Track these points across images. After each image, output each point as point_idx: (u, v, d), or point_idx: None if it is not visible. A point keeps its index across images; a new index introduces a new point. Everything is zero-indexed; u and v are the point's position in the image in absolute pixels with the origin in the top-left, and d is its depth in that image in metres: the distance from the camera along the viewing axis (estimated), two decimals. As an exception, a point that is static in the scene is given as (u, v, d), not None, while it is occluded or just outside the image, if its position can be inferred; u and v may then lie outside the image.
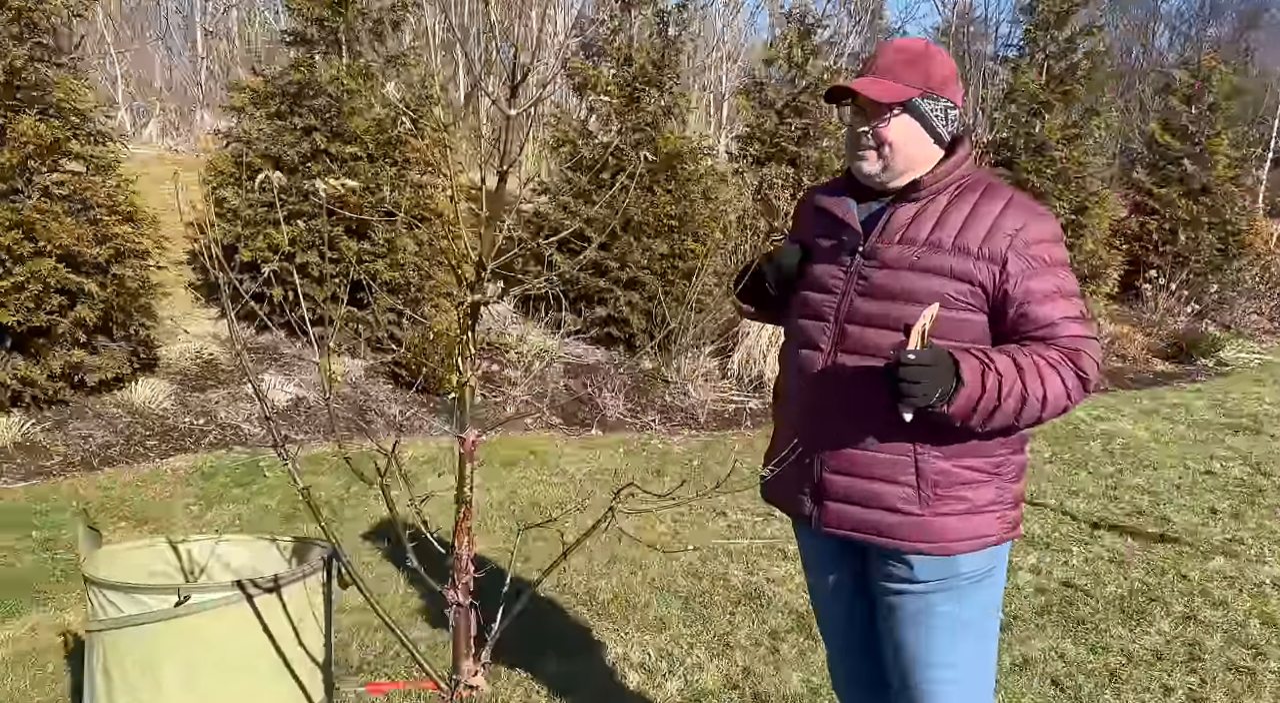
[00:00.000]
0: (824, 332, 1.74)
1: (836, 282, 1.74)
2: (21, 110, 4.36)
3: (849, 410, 1.70)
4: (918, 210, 1.70)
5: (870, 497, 1.71)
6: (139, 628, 1.75)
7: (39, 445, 4.41)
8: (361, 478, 1.71)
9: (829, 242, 1.78)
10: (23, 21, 4.49)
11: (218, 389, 5.25)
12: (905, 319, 1.62)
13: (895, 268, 1.67)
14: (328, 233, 5.55)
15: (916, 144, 1.69)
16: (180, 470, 4.51)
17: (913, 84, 1.67)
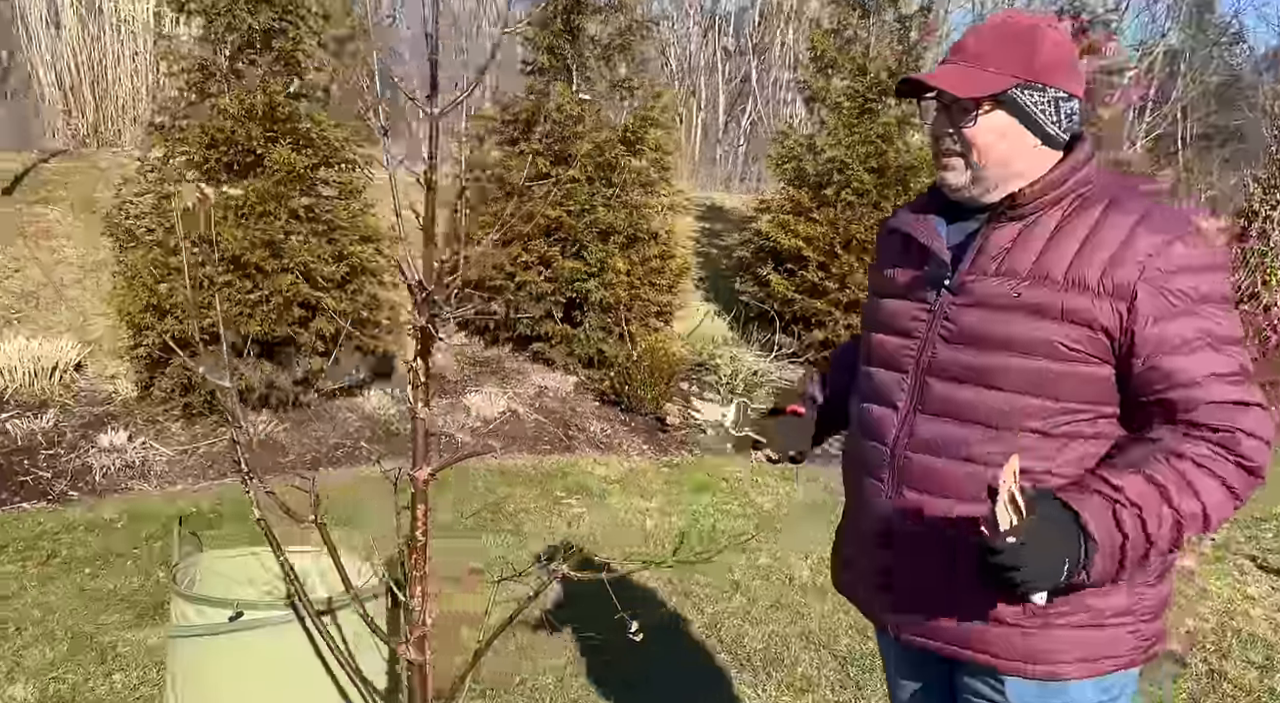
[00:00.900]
0: (900, 386, 1.42)
1: (918, 323, 1.41)
2: (277, 140, 4.90)
3: (934, 486, 1.37)
4: (1020, 232, 1.34)
5: (961, 601, 1.37)
6: (198, 638, 1.82)
7: (279, 444, 4.91)
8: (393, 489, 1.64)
9: (909, 272, 1.45)
10: (283, 61, 5.07)
11: (439, 399, 5.59)
12: (1010, 379, 1.29)
13: (990, 307, 1.33)
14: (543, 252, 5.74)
15: (1014, 147, 1.35)
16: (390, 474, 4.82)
17: (1009, 71, 1.32)
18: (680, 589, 3.66)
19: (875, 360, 1.49)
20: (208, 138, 4.76)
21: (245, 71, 5.01)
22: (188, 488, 4.45)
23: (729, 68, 15.60)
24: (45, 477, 4.30)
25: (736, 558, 4.00)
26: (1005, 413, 1.32)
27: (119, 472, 4.42)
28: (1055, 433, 1.31)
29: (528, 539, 4.16)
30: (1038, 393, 1.31)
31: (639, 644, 1.61)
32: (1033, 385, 1.31)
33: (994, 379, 1.32)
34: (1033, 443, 1.31)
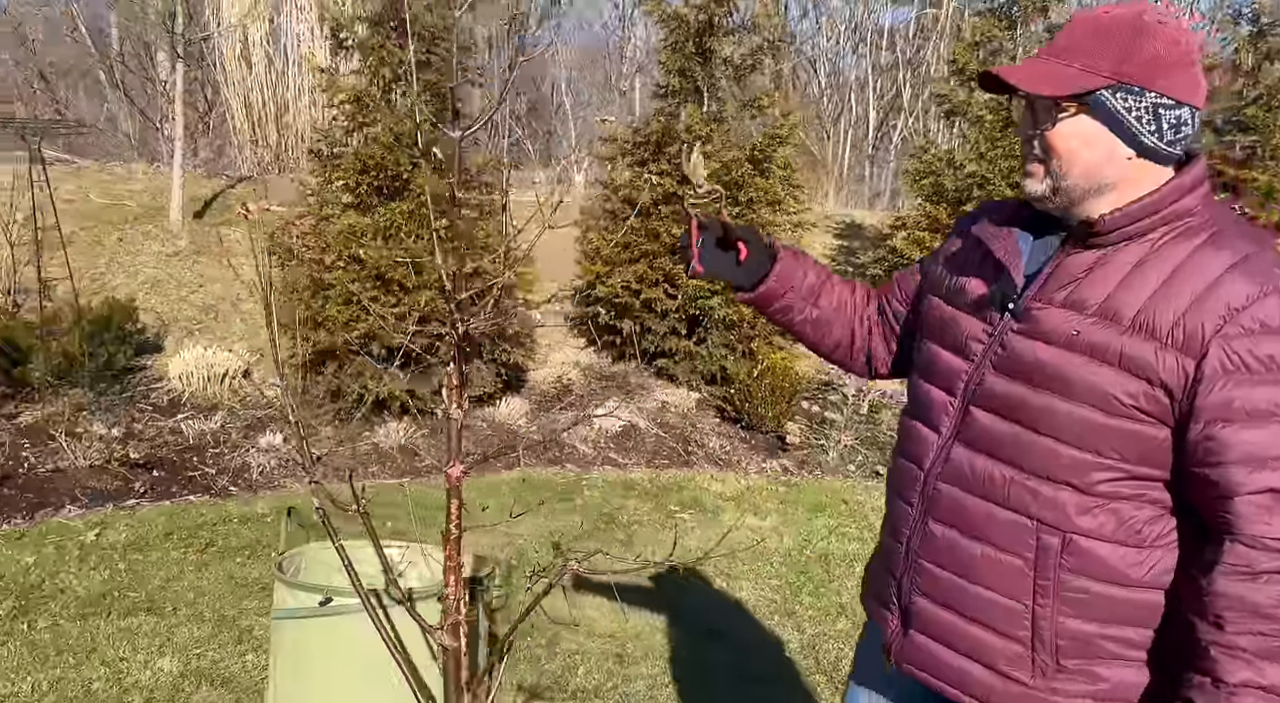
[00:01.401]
0: (947, 409, 1.33)
1: (976, 344, 1.31)
2: (418, 164, 5.25)
3: (958, 523, 1.31)
4: (1097, 261, 1.22)
5: (969, 644, 1.30)
6: (294, 620, 2.01)
7: (416, 449, 5.23)
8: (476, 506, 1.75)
9: (981, 285, 1.33)
10: (430, 91, 5.43)
11: (566, 411, 5.79)
12: (1052, 423, 1.21)
13: (1048, 341, 1.21)
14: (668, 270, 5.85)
15: (1103, 158, 1.20)
16: (513, 481, 5.03)
17: (1101, 69, 1.18)
18: (784, 609, 3.65)
19: (928, 373, 1.40)
20: (360, 164, 5.16)
21: (397, 102, 5.41)
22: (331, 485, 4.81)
23: (880, 84, 15.30)
24: (210, 473, 4.76)
25: (847, 581, 3.94)
26: (1042, 459, 1.23)
27: (273, 470, 4.84)
28: (1093, 491, 1.22)
29: (637, 550, 4.24)
30: (1079, 444, 1.20)
31: (734, 660, 1.64)
32: (1075, 435, 1.20)
33: (1035, 420, 1.23)
34: (1068, 497, 1.22)
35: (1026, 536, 1.25)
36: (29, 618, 3.33)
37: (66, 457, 4.64)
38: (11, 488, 4.39)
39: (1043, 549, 1.23)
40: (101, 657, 3.10)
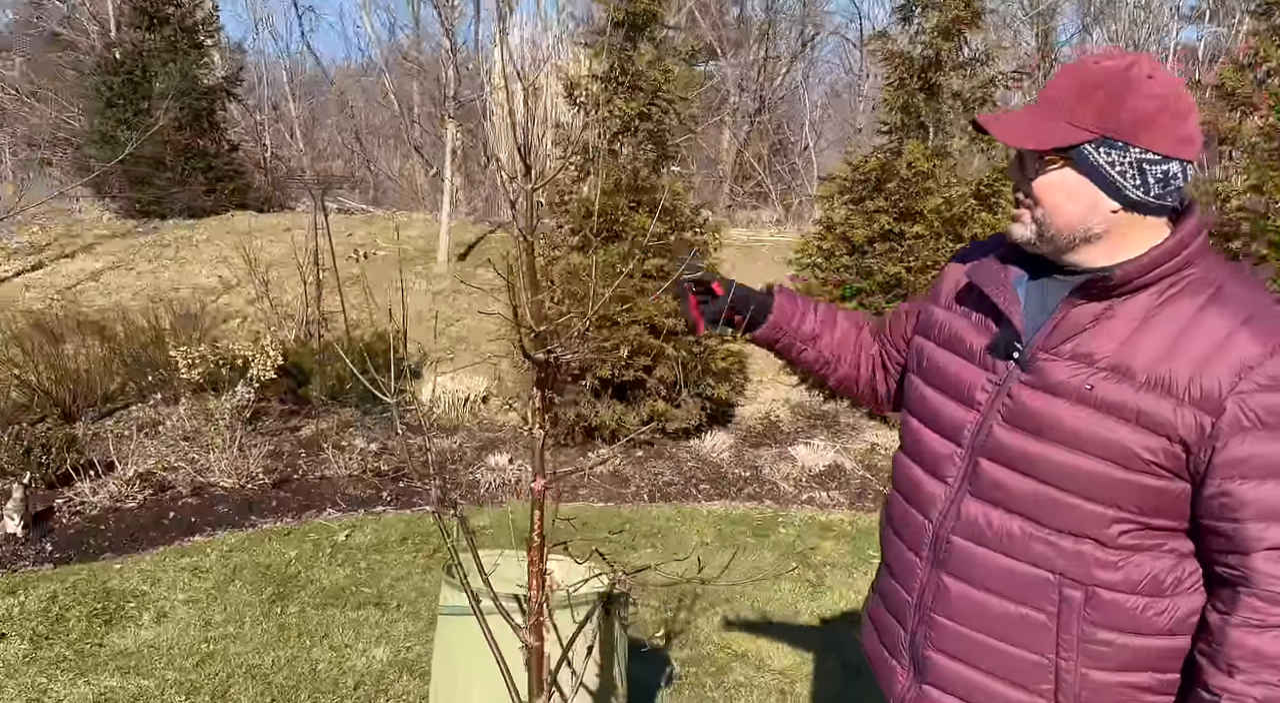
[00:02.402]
0: (953, 460, 1.32)
1: (980, 393, 1.30)
2: (638, 209, 5.60)
3: (974, 577, 1.29)
4: (1104, 312, 1.21)
5: (990, 698, 1.29)
6: (452, 617, 2.27)
7: (623, 476, 5.52)
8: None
9: (982, 332, 1.32)
10: (652, 140, 5.78)
11: (770, 448, 5.84)
12: (1069, 478, 1.19)
13: (1058, 394, 1.21)
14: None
15: (1087, 211, 1.21)
16: (713, 514, 5.17)
17: (1085, 122, 1.18)
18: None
19: (930, 421, 1.38)
20: (583, 210, 5.60)
21: (620, 151, 5.81)
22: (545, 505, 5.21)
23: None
24: (447, 486, 5.33)
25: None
26: (1061, 513, 1.22)
27: (497, 488, 5.32)
28: (1114, 544, 1.19)
29: (825, 592, 4.22)
30: (1097, 498, 1.19)
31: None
32: (1092, 489, 1.19)
33: (1049, 473, 1.21)
34: (1089, 550, 1.20)
35: (1049, 590, 1.23)
36: (283, 604, 3.94)
37: (332, 466, 5.40)
38: (287, 491, 5.18)
39: (1066, 603, 1.21)
40: (331, 642, 3.61)
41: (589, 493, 5.31)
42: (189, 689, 3.16)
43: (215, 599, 3.96)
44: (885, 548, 1.50)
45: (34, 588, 3.97)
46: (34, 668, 3.24)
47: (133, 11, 11.19)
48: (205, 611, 3.84)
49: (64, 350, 6.47)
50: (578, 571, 2.64)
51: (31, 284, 9.03)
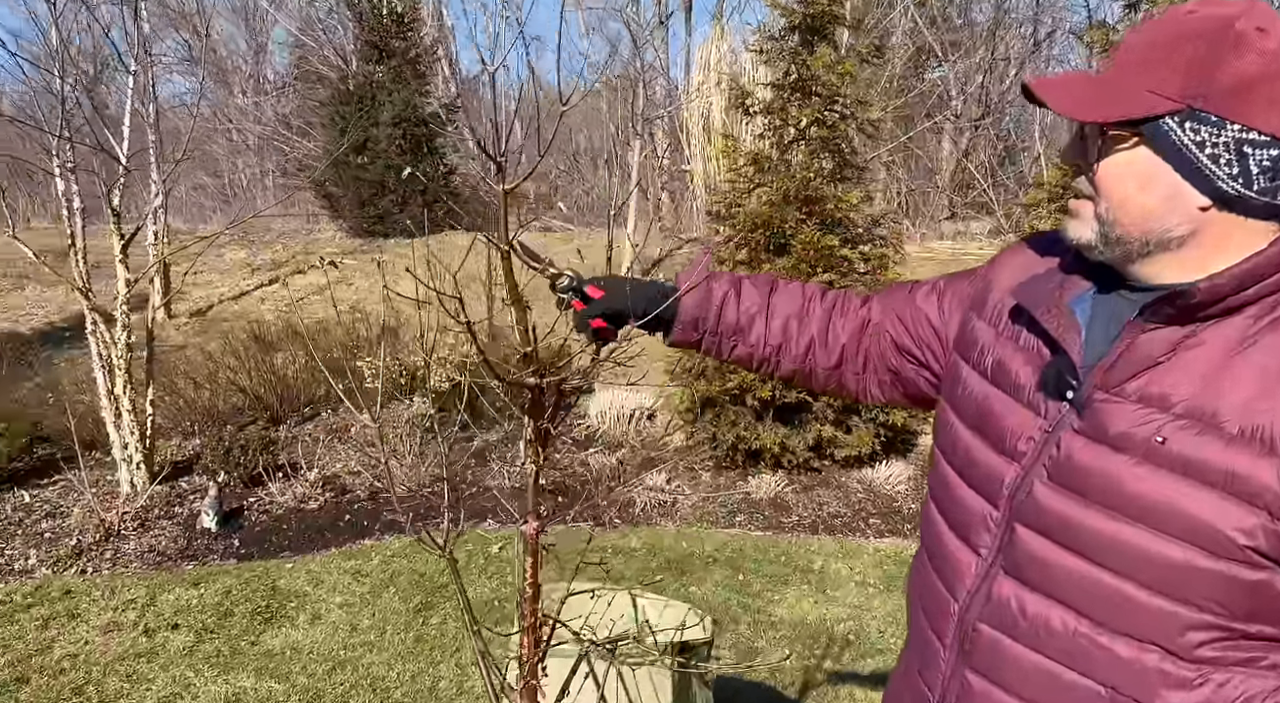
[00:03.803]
0: (988, 523, 1.02)
1: (1025, 442, 1.00)
2: (807, 221, 5.28)
3: (1004, 679, 1.00)
4: (1183, 340, 0.91)
5: None
6: (508, 652, 2.14)
7: (785, 504, 5.20)
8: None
9: (1026, 361, 1.02)
10: (827, 149, 5.45)
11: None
12: (1128, 560, 0.89)
13: (1118, 448, 0.91)
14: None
15: (1165, 204, 0.91)
16: (880, 552, 4.74)
17: (1168, 88, 0.88)
18: None
19: (964, 470, 1.07)
20: (749, 222, 5.36)
21: (793, 160, 5.53)
22: (700, 530, 5.00)
23: None
24: (602, 504, 5.26)
25: None
26: (1116, 608, 0.90)
27: (652, 508, 5.18)
28: (1190, 656, 0.87)
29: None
30: (1167, 590, 0.87)
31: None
32: (1161, 579, 0.88)
33: (1101, 552, 0.90)
34: (1154, 662, 0.88)
35: None
36: (426, 614, 3.99)
37: (497, 478, 5.48)
38: (452, 499, 5.31)
39: None
40: (459, 659, 3.59)
41: (746, 521, 5.04)
42: (312, 696, 3.24)
43: (367, 604, 4.08)
44: (910, 621, 1.20)
45: (214, 582, 4.26)
46: (188, 661, 3.45)
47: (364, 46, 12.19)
48: (355, 615, 3.96)
49: (276, 359, 7.06)
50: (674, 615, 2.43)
51: (267, 297, 10.00)
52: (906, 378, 1.28)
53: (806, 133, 5.45)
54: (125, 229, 5.02)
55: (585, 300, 1.36)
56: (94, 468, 5.54)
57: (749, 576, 4.47)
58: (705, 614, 2.36)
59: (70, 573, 4.32)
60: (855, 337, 1.33)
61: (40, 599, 3.99)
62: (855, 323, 1.33)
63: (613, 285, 1.32)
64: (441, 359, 5.96)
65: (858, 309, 1.35)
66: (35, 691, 3.15)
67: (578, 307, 1.36)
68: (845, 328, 1.33)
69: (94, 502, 4.82)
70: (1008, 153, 17.37)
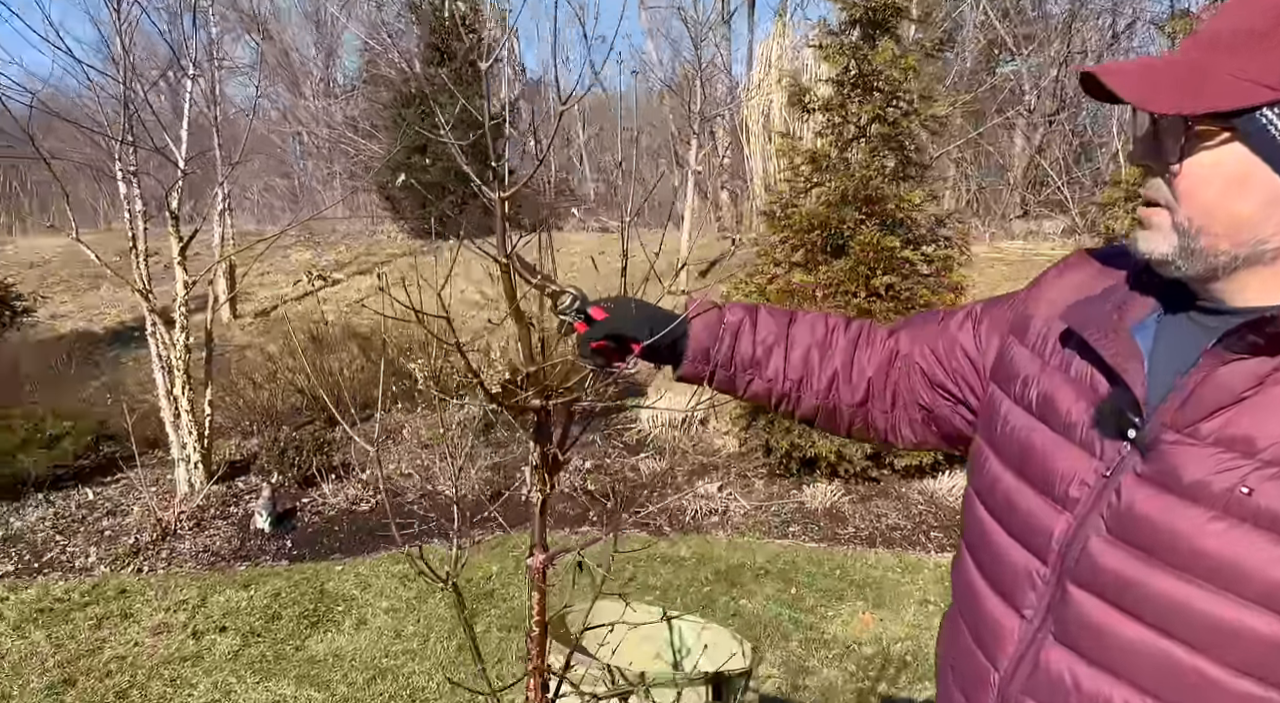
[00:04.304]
0: (1033, 580, 0.89)
1: (1078, 487, 0.86)
2: (866, 221, 5.09)
3: None
4: (1270, 375, 0.77)
5: None
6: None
7: (841, 515, 5.03)
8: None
9: (1081, 395, 0.89)
10: (889, 145, 5.26)
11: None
12: (1203, 631, 0.76)
13: (1192, 499, 0.77)
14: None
15: (1258, 208, 0.77)
16: (941, 567, 4.53)
17: (1262, 75, 0.75)
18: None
19: (1005, 517, 0.93)
20: (805, 223, 5.19)
21: (852, 159, 5.35)
22: (752, 541, 4.86)
23: None
24: (652, 511, 5.16)
25: None
26: (1183, 684, 0.77)
27: (704, 516, 5.06)
28: None
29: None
30: (1250, 669, 0.74)
31: None
32: (1245, 658, 0.74)
33: (1170, 620, 0.77)
34: None
35: None
36: (471, 621, 3.93)
37: (546, 482, 5.42)
38: (502, 505, 5.26)
39: None
40: (499, 670, 3.53)
41: (800, 531, 4.88)
42: (350, 707, 3.20)
43: (413, 610, 4.04)
44: (939, 689, 1.06)
45: (264, 583, 4.28)
46: (231, 666, 3.45)
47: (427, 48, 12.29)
48: (400, 621, 3.93)
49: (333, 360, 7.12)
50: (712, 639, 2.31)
51: (328, 298, 10.14)
52: (940, 416, 1.15)
53: (867, 130, 5.26)
54: (184, 232, 5.09)
55: (589, 322, 1.25)
56: (155, 467, 5.65)
57: (802, 589, 4.32)
58: (745, 640, 2.24)
59: (127, 572, 4.38)
60: (883, 370, 1.20)
61: (96, 598, 4.05)
62: (882, 355, 1.20)
63: (618, 308, 1.21)
64: (492, 361, 5.93)
65: (885, 340, 1.22)
66: (80, 693, 3.17)
67: (580, 329, 1.25)
68: (871, 361, 1.20)
69: (152, 501, 4.90)
70: (1083, 149, 16.74)
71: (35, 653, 3.46)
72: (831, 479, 5.17)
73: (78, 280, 10.99)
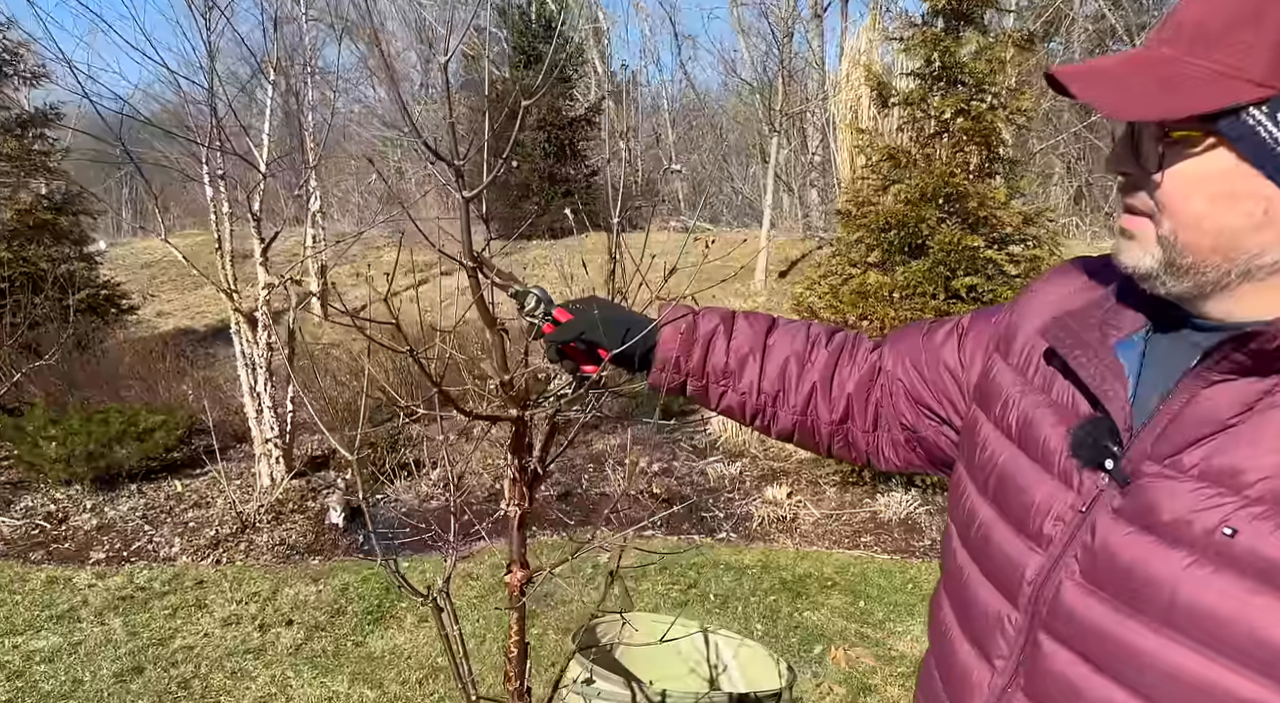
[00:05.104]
0: (1004, 625, 0.79)
1: (1053, 522, 0.76)
2: (947, 220, 4.87)
3: None
4: (1260, 399, 0.67)
5: None
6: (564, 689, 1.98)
7: (917, 526, 4.82)
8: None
9: (1061, 420, 0.79)
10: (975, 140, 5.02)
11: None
12: (1184, 693, 0.66)
13: (1171, 541, 0.67)
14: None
15: (1245, 217, 0.67)
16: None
17: (1245, 69, 0.65)
18: None
19: (978, 553, 0.84)
20: (882, 221, 5.01)
21: (933, 155, 5.13)
22: (820, 550, 4.71)
23: None
24: (718, 517, 5.06)
25: None
26: None
27: (770, 523, 4.93)
28: None
29: None
30: None
31: None
32: None
33: (1147, 680, 0.67)
34: None
35: None
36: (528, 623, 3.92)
37: (612, 483, 5.38)
38: (569, 504, 5.25)
39: None
40: (549, 677, 3.49)
41: (872, 542, 4.71)
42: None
43: (474, 609, 4.06)
44: None
45: (333, 578, 4.37)
46: (291, 660, 3.52)
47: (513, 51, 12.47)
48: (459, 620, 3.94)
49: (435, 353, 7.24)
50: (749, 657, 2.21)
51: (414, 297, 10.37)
52: (925, 438, 1.04)
53: (950, 125, 5.04)
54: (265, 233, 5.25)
55: (557, 325, 1.19)
56: (240, 460, 5.85)
57: (871, 603, 4.16)
58: (781, 659, 2.14)
59: (206, 563, 4.54)
60: (864, 387, 1.09)
61: (175, 587, 4.20)
62: (864, 371, 1.10)
63: (582, 310, 1.15)
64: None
65: (868, 353, 1.12)
66: (146, 682, 3.28)
67: (548, 330, 1.19)
68: (852, 376, 1.10)
69: (233, 494, 5.06)
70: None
71: (110, 640, 3.61)
72: (907, 488, 4.97)
73: (184, 279, 11.54)
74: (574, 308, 1.17)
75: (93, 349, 7.29)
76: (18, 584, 4.18)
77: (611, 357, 1.14)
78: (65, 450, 5.15)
